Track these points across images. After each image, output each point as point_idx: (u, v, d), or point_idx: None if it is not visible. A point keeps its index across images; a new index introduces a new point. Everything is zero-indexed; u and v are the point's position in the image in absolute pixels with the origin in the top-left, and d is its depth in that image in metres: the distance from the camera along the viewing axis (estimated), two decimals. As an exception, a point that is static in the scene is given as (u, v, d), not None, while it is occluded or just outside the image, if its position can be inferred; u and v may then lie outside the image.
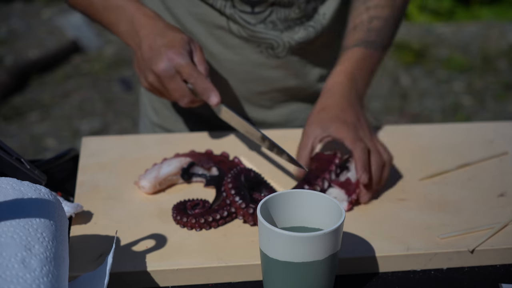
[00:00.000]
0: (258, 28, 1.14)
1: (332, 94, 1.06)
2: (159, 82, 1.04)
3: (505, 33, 4.33)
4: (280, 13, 1.14)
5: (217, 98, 1.02)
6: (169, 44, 1.03)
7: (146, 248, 0.87)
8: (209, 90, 1.02)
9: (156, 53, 1.03)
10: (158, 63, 1.02)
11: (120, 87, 3.56)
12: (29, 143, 3.07)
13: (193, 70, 1.02)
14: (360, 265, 0.86)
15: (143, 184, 0.98)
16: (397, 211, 0.96)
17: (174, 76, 1.02)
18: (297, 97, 1.25)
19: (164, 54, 1.02)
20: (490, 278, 0.86)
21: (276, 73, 1.20)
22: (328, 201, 0.80)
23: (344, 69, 1.08)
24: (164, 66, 1.02)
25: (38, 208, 0.71)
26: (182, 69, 1.02)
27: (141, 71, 1.06)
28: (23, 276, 0.63)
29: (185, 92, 1.04)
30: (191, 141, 1.13)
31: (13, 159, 0.88)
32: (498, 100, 3.53)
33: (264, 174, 1.02)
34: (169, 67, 1.02)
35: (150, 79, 1.04)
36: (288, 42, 1.16)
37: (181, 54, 1.02)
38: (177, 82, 1.03)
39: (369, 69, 1.11)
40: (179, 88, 1.03)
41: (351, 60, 1.10)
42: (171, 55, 1.02)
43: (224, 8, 1.13)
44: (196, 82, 1.02)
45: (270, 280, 0.78)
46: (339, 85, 1.07)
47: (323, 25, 1.18)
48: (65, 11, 4.30)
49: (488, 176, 1.05)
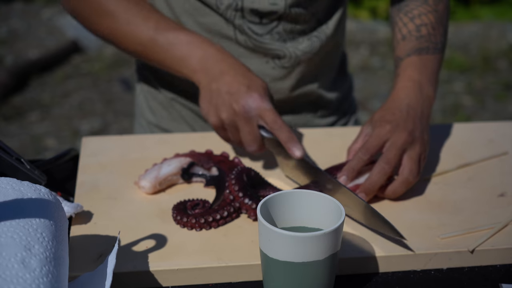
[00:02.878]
0: (265, 39, 1.15)
1: (393, 101, 1.03)
2: (233, 120, 1.00)
3: (505, 33, 4.33)
4: (286, 25, 1.15)
5: (300, 152, 0.97)
6: (253, 86, 1.00)
7: (146, 248, 0.87)
8: (294, 141, 0.98)
9: (239, 91, 0.99)
10: (241, 101, 0.99)
11: (120, 87, 3.56)
12: (29, 143, 3.07)
13: (278, 117, 0.99)
14: (360, 265, 0.86)
15: (143, 184, 0.98)
16: (397, 211, 0.96)
17: (253, 118, 0.99)
18: (301, 105, 1.26)
19: (249, 94, 0.99)
20: (490, 278, 0.86)
21: (280, 84, 1.20)
22: (328, 201, 0.80)
23: (407, 77, 1.06)
24: (247, 105, 0.98)
25: (38, 208, 0.71)
26: (266, 114, 0.98)
27: (213, 105, 1.01)
28: (23, 276, 0.63)
29: (258, 138, 1.00)
30: (191, 141, 1.14)
31: (13, 159, 0.88)
32: (498, 100, 3.54)
33: (264, 174, 1.02)
34: (252, 108, 0.99)
35: (224, 115, 1.00)
36: (294, 53, 1.17)
37: (266, 99, 1.00)
38: (253, 125, 1.00)
39: (428, 70, 1.07)
40: (253, 131, 1.00)
41: (407, 70, 1.07)
42: (256, 97, 0.99)
43: (234, 18, 1.13)
44: (281, 130, 0.98)
45: (270, 280, 0.78)
46: (401, 95, 1.04)
47: (327, 35, 1.19)
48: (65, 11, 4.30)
49: (488, 176, 1.05)
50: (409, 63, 1.08)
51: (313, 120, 1.29)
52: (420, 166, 0.99)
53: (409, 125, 0.99)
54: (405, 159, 0.97)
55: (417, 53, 1.08)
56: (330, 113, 1.30)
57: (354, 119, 1.37)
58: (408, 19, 1.12)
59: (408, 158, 0.97)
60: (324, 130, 1.18)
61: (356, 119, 1.38)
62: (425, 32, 1.11)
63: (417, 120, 1.01)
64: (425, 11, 1.12)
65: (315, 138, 1.15)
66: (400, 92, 1.05)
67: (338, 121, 1.33)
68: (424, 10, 1.12)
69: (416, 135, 0.99)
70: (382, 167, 0.95)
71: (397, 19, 1.14)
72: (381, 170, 0.95)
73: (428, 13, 1.12)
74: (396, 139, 0.97)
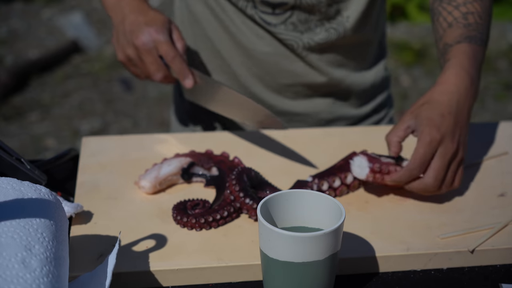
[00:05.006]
0: (279, 29, 1.16)
1: (442, 91, 0.99)
2: (136, 54, 1.10)
3: (505, 33, 4.33)
4: (300, 15, 1.15)
5: (191, 82, 1.10)
6: (150, 22, 1.10)
7: (146, 248, 0.87)
8: (185, 72, 1.09)
9: (138, 28, 1.09)
10: (139, 37, 1.09)
11: (120, 87, 3.56)
12: (29, 143, 3.07)
13: (171, 49, 1.08)
14: (360, 265, 0.86)
15: (143, 184, 0.98)
16: (397, 211, 0.96)
17: (152, 50, 1.09)
18: (322, 93, 1.26)
19: (146, 29, 1.09)
20: (490, 278, 0.86)
21: (300, 68, 1.21)
22: (328, 201, 0.79)
23: (455, 63, 1.01)
24: (144, 40, 1.08)
25: (38, 208, 0.71)
26: (160, 45, 1.09)
27: (119, 44, 1.13)
28: (23, 276, 0.63)
29: (161, 67, 1.10)
30: (191, 141, 1.14)
31: (13, 159, 0.88)
32: (498, 100, 3.53)
33: (264, 174, 1.02)
34: (148, 41, 1.08)
35: (128, 51, 1.11)
36: (307, 43, 1.18)
37: (161, 32, 1.09)
38: (154, 56, 1.09)
39: (477, 63, 1.04)
40: (156, 62, 1.10)
41: (460, 56, 1.02)
42: (152, 31, 1.09)
43: (246, 8, 1.15)
44: (173, 61, 1.09)
45: (270, 280, 0.78)
46: (451, 80, 1.00)
47: (345, 27, 1.18)
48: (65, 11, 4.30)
49: (488, 176, 1.05)
50: (460, 50, 1.03)
51: (344, 109, 1.29)
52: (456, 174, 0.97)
53: (456, 133, 0.97)
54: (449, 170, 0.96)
55: (467, 41, 1.04)
56: (362, 103, 1.30)
57: (390, 117, 1.37)
58: (452, 7, 1.09)
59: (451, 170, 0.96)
60: (323, 130, 1.18)
61: (391, 117, 1.37)
62: (473, 21, 1.07)
63: (464, 124, 0.99)
64: (470, 0, 1.09)
65: (314, 138, 1.15)
66: (451, 79, 1.00)
67: (373, 115, 1.33)
68: None
69: (460, 141, 0.97)
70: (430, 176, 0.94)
71: (440, 9, 1.11)
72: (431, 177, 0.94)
73: (474, 1, 1.08)
74: (445, 153, 0.95)
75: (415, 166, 0.94)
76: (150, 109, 3.36)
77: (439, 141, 0.94)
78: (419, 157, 0.94)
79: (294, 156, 1.10)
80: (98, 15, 4.33)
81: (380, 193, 1.00)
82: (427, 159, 0.94)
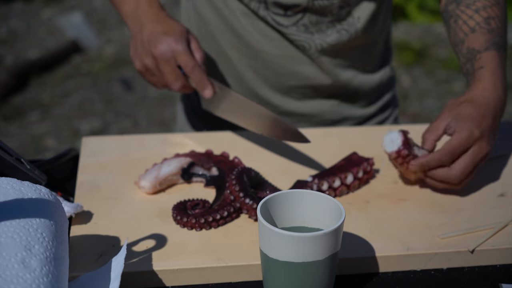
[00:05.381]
0: (291, 30, 1.16)
1: (482, 94, 1.01)
2: (154, 64, 1.09)
3: (505, 33, 4.32)
4: (312, 17, 1.15)
5: (211, 92, 1.09)
6: (169, 32, 1.09)
7: (146, 248, 0.87)
8: (204, 82, 1.09)
9: (156, 38, 1.09)
10: (157, 46, 1.08)
11: (120, 87, 3.56)
12: (29, 143, 3.07)
13: (190, 59, 1.08)
14: (360, 265, 0.86)
15: (143, 184, 0.98)
16: (397, 211, 0.96)
17: (170, 60, 1.08)
18: (329, 94, 1.27)
19: (164, 39, 1.08)
20: (490, 278, 0.86)
21: (309, 70, 1.21)
22: (328, 201, 0.79)
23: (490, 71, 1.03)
24: (162, 49, 1.08)
25: (38, 208, 0.71)
26: (179, 56, 1.08)
27: (137, 54, 1.12)
28: (23, 276, 0.63)
29: (179, 77, 1.10)
30: (191, 141, 1.14)
31: (13, 159, 0.88)
32: (498, 100, 3.53)
33: (264, 174, 1.02)
34: (167, 51, 1.08)
35: (146, 61, 1.10)
36: (320, 44, 1.18)
37: (180, 42, 1.08)
38: (172, 66, 1.09)
39: (505, 72, 1.06)
40: (174, 71, 1.09)
41: (493, 64, 1.04)
42: (170, 41, 1.08)
43: (258, 10, 1.15)
44: (193, 72, 1.08)
45: (270, 280, 0.78)
46: (489, 87, 1.02)
47: (357, 28, 1.18)
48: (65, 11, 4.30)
49: (488, 176, 1.05)
50: (491, 57, 1.05)
51: (350, 110, 1.29)
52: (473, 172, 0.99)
53: (491, 136, 0.99)
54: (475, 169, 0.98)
55: (495, 48, 1.06)
56: (368, 103, 1.31)
57: (394, 116, 1.37)
58: (472, 11, 1.10)
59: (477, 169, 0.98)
60: (323, 130, 1.18)
61: (396, 117, 1.38)
62: (495, 26, 1.08)
63: (498, 130, 1.02)
64: (490, 4, 1.10)
65: (314, 138, 1.15)
66: (489, 85, 1.02)
67: (378, 114, 1.33)
68: (488, 3, 1.10)
69: (492, 145, 1.00)
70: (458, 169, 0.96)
71: (458, 12, 1.11)
72: None
73: (493, 6, 1.10)
74: (479, 151, 0.97)
75: (446, 155, 0.96)
76: (150, 109, 3.36)
77: (476, 139, 0.96)
78: (452, 148, 0.96)
79: (294, 156, 1.10)
80: (98, 15, 4.34)
81: (380, 193, 1.00)
82: (459, 152, 0.96)
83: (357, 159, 1.02)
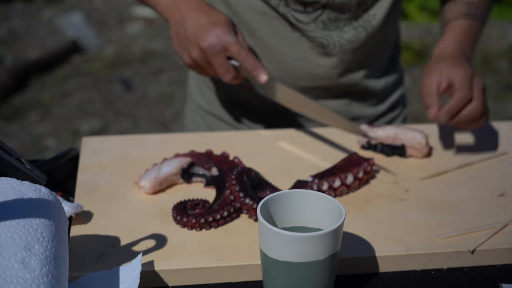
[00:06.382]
0: (309, 27, 1.17)
1: (445, 54, 1.13)
2: (203, 57, 1.07)
3: (505, 33, 4.33)
4: (331, 13, 1.16)
5: (266, 76, 1.07)
6: (215, 22, 1.07)
7: (146, 248, 0.87)
8: (259, 68, 1.07)
9: (202, 30, 1.06)
10: (206, 39, 1.06)
11: (120, 87, 3.56)
12: (29, 143, 3.07)
13: (242, 48, 1.06)
14: (360, 265, 0.86)
15: (143, 184, 0.98)
16: (397, 211, 0.96)
17: (220, 52, 1.06)
18: (340, 93, 1.27)
19: (212, 31, 1.06)
20: (490, 278, 0.86)
21: (324, 70, 1.22)
22: (328, 201, 0.79)
23: (452, 38, 1.17)
24: (212, 42, 1.05)
25: (38, 208, 0.71)
26: (230, 47, 1.06)
27: (183, 48, 1.09)
28: (23, 276, 0.63)
29: (230, 68, 1.08)
30: (191, 141, 1.14)
31: (13, 159, 0.88)
32: (498, 100, 3.53)
33: (264, 174, 1.02)
34: (216, 43, 1.05)
35: (194, 54, 1.08)
36: (338, 42, 1.18)
37: (229, 33, 1.06)
38: (222, 58, 1.07)
39: (473, 38, 1.18)
40: (224, 63, 1.07)
41: (456, 30, 1.18)
42: (219, 33, 1.06)
43: (278, 6, 1.15)
44: (246, 59, 1.06)
45: (270, 280, 0.78)
46: (448, 49, 1.14)
47: (373, 25, 1.20)
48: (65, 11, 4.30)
49: (488, 176, 1.05)
50: (456, 26, 1.18)
51: (361, 109, 1.30)
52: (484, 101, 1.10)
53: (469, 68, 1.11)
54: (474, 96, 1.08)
55: (466, 18, 1.19)
56: (378, 102, 1.32)
57: (403, 116, 1.38)
58: None
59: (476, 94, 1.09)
60: (324, 130, 1.18)
61: (404, 117, 1.39)
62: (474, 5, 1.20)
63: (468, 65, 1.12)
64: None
65: (315, 138, 1.15)
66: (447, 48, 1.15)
67: (388, 113, 1.34)
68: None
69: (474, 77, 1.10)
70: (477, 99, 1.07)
71: None
72: None
73: None
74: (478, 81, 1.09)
75: (465, 92, 1.06)
76: (150, 109, 3.36)
77: (471, 74, 1.08)
78: (465, 85, 1.06)
79: (294, 156, 1.10)
80: (98, 15, 4.34)
81: (380, 193, 1.00)
82: (471, 86, 1.07)
83: (357, 159, 1.02)
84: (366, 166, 1.01)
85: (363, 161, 1.01)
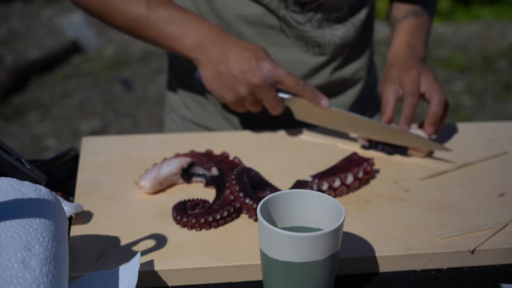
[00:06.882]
0: (306, 27, 1.17)
1: (395, 58, 1.18)
2: (253, 94, 1.06)
3: (505, 33, 4.33)
4: (324, 12, 1.17)
5: (327, 102, 1.08)
6: (259, 56, 1.05)
7: (146, 248, 0.87)
8: (319, 95, 1.08)
9: (249, 66, 1.04)
10: (257, 75, 1.04)
11: (120, 87, 3.56)
12: (29, 143, 3.07)
13: (297, 79, 1.06)
14: (360, 265, 0.86)
15: (143, 184, 0.98)
16: (397, 211, 0.96)
17: (272, 86, 1.06)
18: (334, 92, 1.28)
19: (261, 65, 1.04)
20: (490, 278, 0.86)
21: (320, 70, 1.22)
22: (328, 201, 0.79)
23: (400, 40, 1.21)
24: (264, 77, 1.04)
25: (38, 208, 0.71)
26: (285, 79, 1.05)
27: (227, 87, 1.06)
28: (23, 276, 0.63)
29: (280, 101, 1.08)
30: (191, 141, 1.14)
31: (13, 159, 0.88)
32: (498, 100, 3.54)
33: (264, 174, 1.02)
34: (269, 78, 1.05)
35: (243, 92, 1.05)
36: (332, 40, 1.20)
37: (277, 65, 1.06)
38: (273, 92, 1.06)
39: (423, 33, 1.23)
40: (275, 97, 1.07)
41: (405, 31, 1.22)
42: (269, 66, 1.05)
43: (278, 9, 1.15)
44: (304, 89, 1.06)
45: (270, 280, 0.78)
46: (399, 52, 1.19)
47: (360, 21, 1.22)
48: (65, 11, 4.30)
49: (488, 176, 1.05)
50: (405, 25, 1.23)
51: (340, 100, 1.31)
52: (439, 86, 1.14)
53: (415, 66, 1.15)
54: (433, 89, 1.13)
55: (412, 16, 1.23)
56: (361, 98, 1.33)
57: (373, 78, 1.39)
58: None
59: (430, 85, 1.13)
60: (323, 130, 1.18)
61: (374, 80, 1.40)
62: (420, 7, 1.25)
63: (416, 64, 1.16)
64: None
65: (315, 138, 1.15)
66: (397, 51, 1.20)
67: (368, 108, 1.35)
68: None
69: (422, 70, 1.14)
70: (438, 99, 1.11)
71: None
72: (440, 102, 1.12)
73: None
74: (429, 74, 1.13)
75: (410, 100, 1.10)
76: (150, 109, 3.36)
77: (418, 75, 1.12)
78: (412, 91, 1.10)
79: (294, 156, 1.10)
80: (98, 15, 4.33)
81: (380, 193, 1.00)
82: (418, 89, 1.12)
83: (357, 159, 1.02)
84: (366, 166, 1.01)
85: (363, 161, 1.01)
